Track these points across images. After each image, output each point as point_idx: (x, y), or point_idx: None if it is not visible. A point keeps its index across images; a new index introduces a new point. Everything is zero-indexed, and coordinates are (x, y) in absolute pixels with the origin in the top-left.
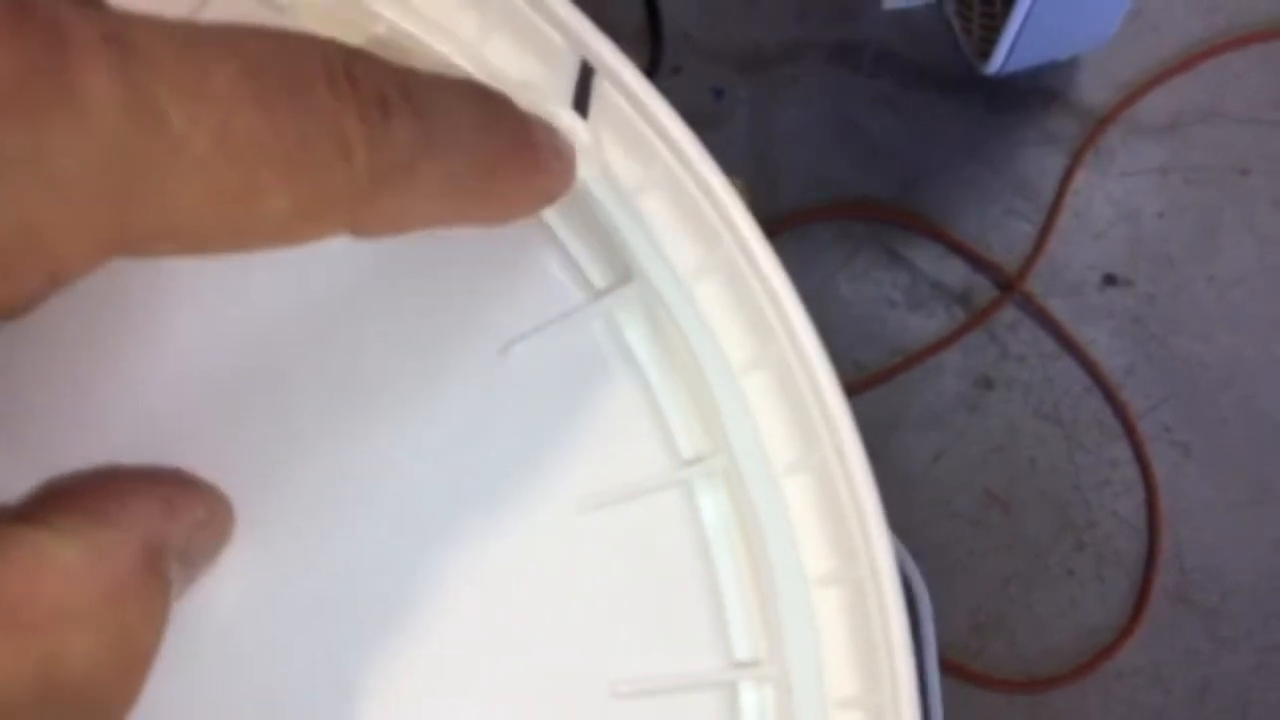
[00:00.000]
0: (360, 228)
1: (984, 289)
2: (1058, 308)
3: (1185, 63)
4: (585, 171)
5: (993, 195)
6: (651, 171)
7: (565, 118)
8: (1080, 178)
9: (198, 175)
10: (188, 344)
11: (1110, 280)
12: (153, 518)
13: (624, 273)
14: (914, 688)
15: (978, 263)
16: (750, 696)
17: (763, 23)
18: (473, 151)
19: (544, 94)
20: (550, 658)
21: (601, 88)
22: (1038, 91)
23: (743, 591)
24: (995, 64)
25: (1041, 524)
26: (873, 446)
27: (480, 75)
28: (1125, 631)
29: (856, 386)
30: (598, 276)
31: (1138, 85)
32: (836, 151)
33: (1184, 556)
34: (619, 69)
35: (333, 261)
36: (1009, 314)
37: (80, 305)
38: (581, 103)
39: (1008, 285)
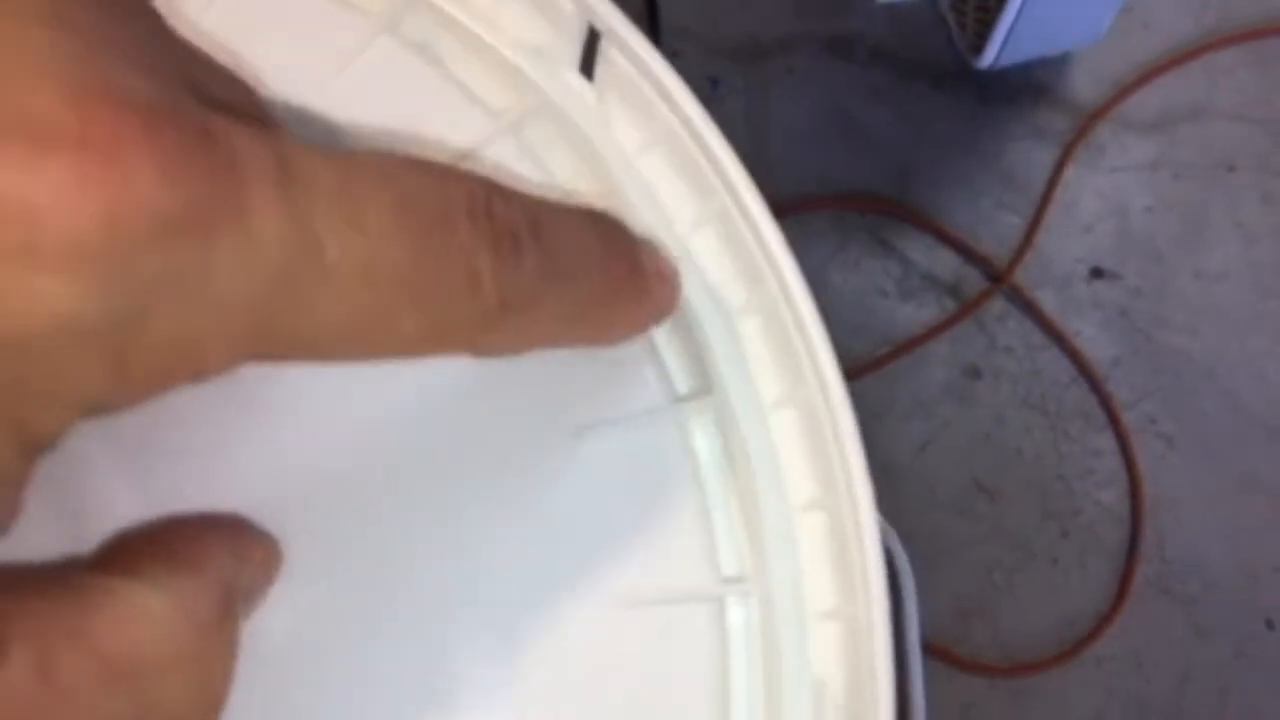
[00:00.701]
0: (479, 349)
1: (974, 280)
2: (1046, 300)
3: (1175, 60)
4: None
5: (984, 188)
6: (654, 132)
7: (572, 80)
8: (1070, 172)
9: (341, 300)
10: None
11: (1098, 273)
12: (225, 563)
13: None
14: (886, 602)
15: (968, 254)
16: (736, 610)
17: (759, 14)
18: (590, 282)
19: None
20: (558, 579)
21: (608, 53)
22: (1029, 86)
23: (730, 516)
24: (988, 58)
25: (1026, 512)
26: (861, 434)
27: (500, 45)
28: (1107, 619)
29: (846, 375)
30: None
31: (1128, 82)
32: (830, 143)
33: (1166, 546)
34: (625, 34)
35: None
36: (998, 305)
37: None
38: (588, 67)
39: (997, 277)
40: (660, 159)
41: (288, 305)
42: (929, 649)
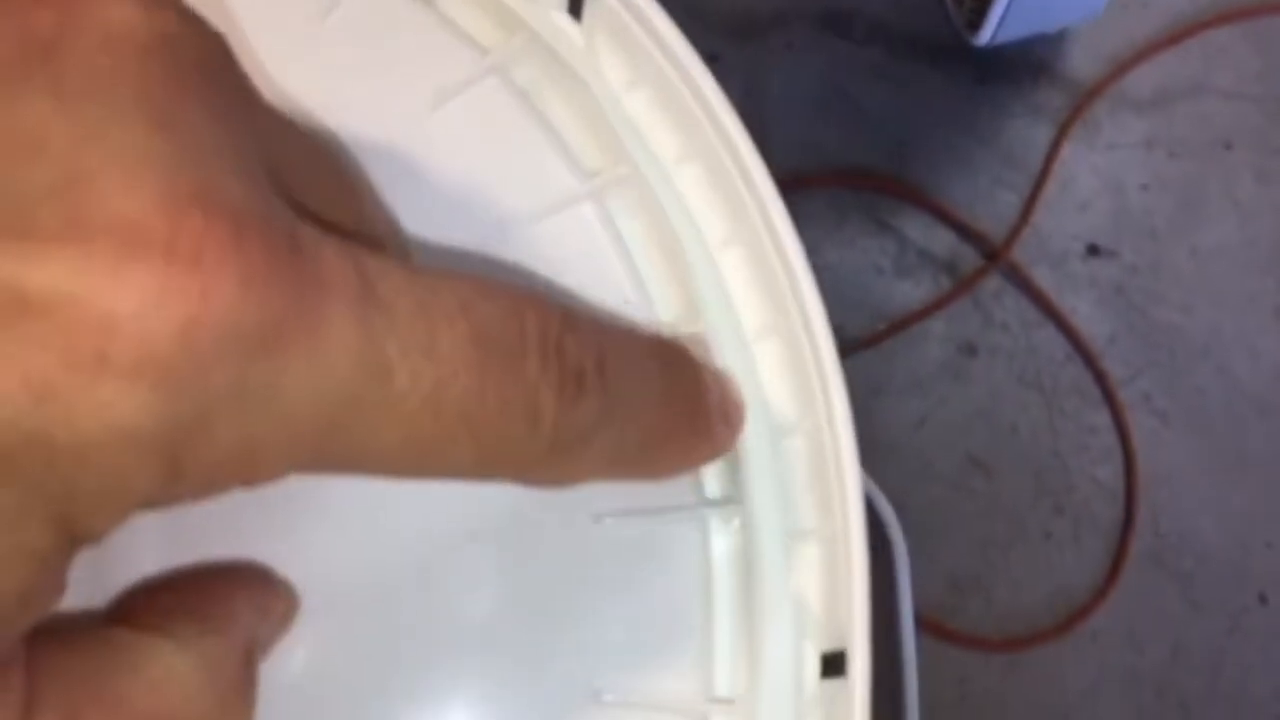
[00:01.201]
0: (526, 480)
1: (970, 258)
2: (1042, 277)
3: (1173, 38)
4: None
5: (980, 165)
6: (642, 72)
7: (560, 20)
8: (1067, 150)
9: (403, 425)
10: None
11: (1094, 251)
12: (249, 620)
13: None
14: (863, 522)
15: (964, 232)
16: (720, 530)
17: None
18: (649, 425)
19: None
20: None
21: None
22: (1027, 63)
23: None
24: (985, 35)
25: (1021, 488)
26: (857, 411)
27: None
28: (1100, 594)
29: (842, 352)
30: None
31: (1125, 59)
32: (826, 119)
33: (1160, 522)
34: None
35: None
36: (994, 282)
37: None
38: (576, 7)
39: (993, 254)
40: (647, 98)
41: (350, 425)
42: (923, 623)
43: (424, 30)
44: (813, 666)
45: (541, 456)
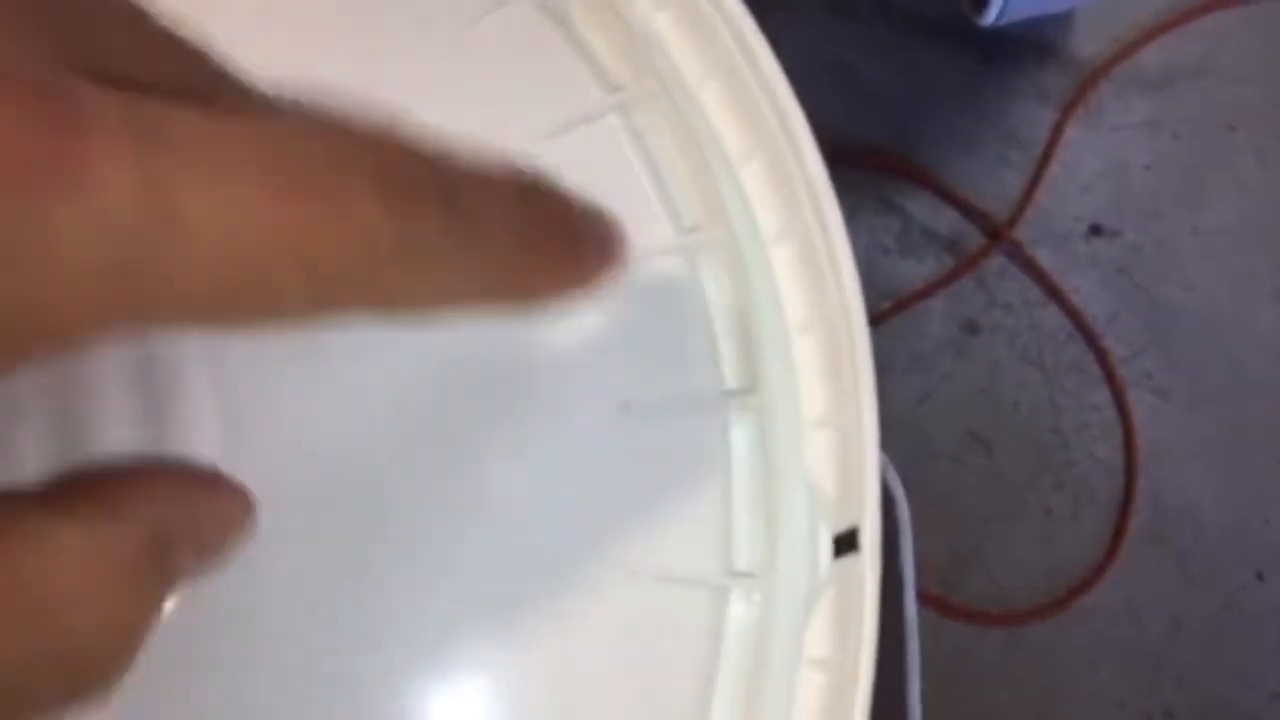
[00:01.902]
0: (384, 312)
1: (973, 236)
2: (1044, 256)
3: (1177, 20)
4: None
5: (984, 145)
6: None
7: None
8: (1070, 130)
9: (209, 270)
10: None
11: (1096, 230)
12: (165, 512)
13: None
14: (874, 412)
15: (968, 210)
16: (739, 420)
17: None
18: (508, 244)
19: None
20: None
21: None
22: (1031, 44)
23: (733, 337)
24: (991, 15)
25: (1022, 464)
26: None
27: None
28: (1100, 569)
29: None
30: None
31: (1130, 40)
32: (832, 97)
33: (1159, 498)
34: None
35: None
36: (996, 261)
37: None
38: None
39: (996, 233)
40: (672, 17)
41: (144, 269)
42: (924, 597)
43: None
44: (826, 545)
45: (385, 279)
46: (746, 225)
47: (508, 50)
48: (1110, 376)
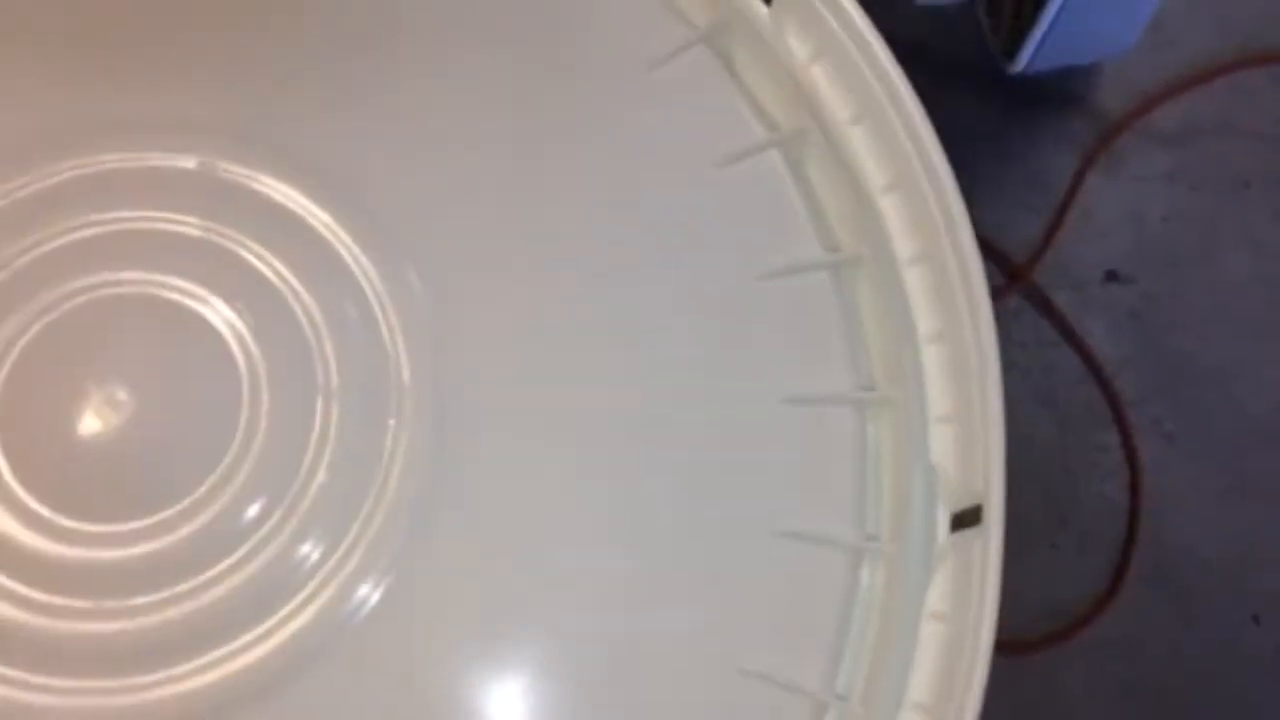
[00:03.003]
0: None
1: (993, 276)
2: (1061, 299)
3: (1199, 77)
4: None
5: (1008, 188)
6: (822, 45)
7: (756, 5)
8: (1092, 178)
9: None
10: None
11: (1113, 277)
12: None
13: None
14: (1001, 410)
15: (989, 251)
16: (873, 415)
17: None
18: None
19: None
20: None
21: None
22: (1058, 93)
23: (874, 343)
24: (1020, 64)
25: (1030, 500)
26: None
27: None
28: (1102, 605)
29: None
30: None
31: (1153, 95)
32: None
33: (1162, 539)
34: None
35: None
36: (1015, 301)
37: None
38: None
39: (1016, 274)
40: (827, 68)
41: None
42: None
43: (647, 3)
44: (944, 521)
45: None
46: (885, 247)
47: (684, 91)
48: (1120, 419)
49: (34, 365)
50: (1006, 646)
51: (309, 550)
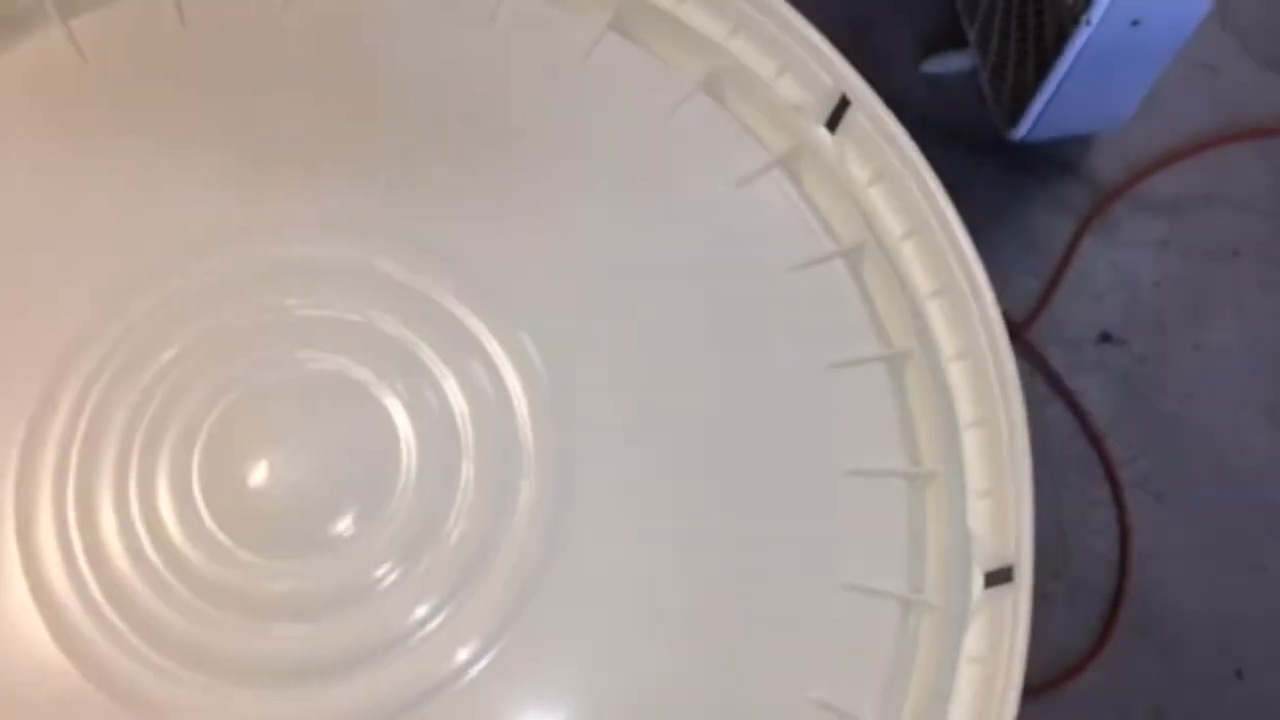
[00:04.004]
0: None
1: None
2: (1055, 357)
3: (1191, 149)
4: None
5: (1005, 250)
6: (879, 171)
7: (820, 132)
8: (1087, 243)
9: None
10: None
11: (1106, 338)
12: None
13: None
14: (1030, 485)
15: None
16: (923, 488)
17: None
18: None
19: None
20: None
21: (853, 115)
22: (1055, 161)
23: (918, 426)
24: (1021, 131)
25: None
26: None
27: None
28: (1090, 655)
29: None
30: None
31: (1146, 165)
32: None
33: (1149, 593)
34: (871, 102)
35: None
36: None
37: None
38: (833, 123)
39: (1012, 333)
40: (883, 190)
41: None
42: None
43: (730, 128)
44: (979, 578)
45: None
46: (931, 344)
47: (764, 205)
48: (1111, 475)
49: (228, 426)
50: None
51: (432, 602)
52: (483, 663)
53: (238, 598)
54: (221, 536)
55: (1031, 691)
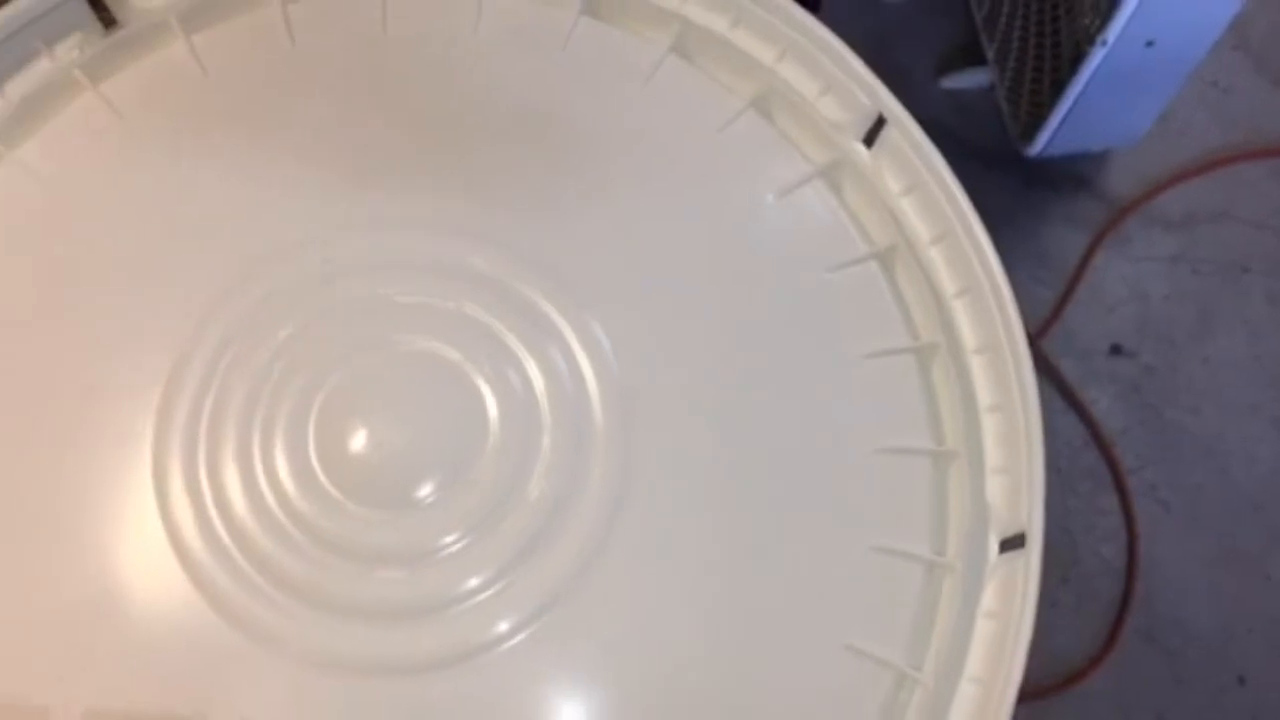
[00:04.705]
0: None
1: None
2: (1067, 369)
3: (1203, 167)
4: None
5: (1020, 262)
6: (911, 183)
7: (858, 147)
8: (1099, 257)
9: None
10: None
11: (1117, 350)
12: None
13: None
14: (1041, 462)
15: None
16: (947, 466)
17: None
18: None
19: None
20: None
21: (888, 133)
22: (1070, 176)
23: (943, 411)
24: (1037, 146)
25: None
26: None
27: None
28: (1095, 660)
29: None
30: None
31: (1159, 182)
32: None
33: (1155, 601)
34: (905, 122)
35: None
36: None
37: None
38: (870, 140)
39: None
40: (914, 200)
41: None
42: None
43: (777, 142)
44: (994, 544)
45: None
46: (956, 338)
47: (806, 212)
48: (1119, 485)
49: (336, 397)
50: None
51: (509, 557)
52: (554, 610)
53: (345, 544)
54: (333, 491)
55: (1037, 694)
